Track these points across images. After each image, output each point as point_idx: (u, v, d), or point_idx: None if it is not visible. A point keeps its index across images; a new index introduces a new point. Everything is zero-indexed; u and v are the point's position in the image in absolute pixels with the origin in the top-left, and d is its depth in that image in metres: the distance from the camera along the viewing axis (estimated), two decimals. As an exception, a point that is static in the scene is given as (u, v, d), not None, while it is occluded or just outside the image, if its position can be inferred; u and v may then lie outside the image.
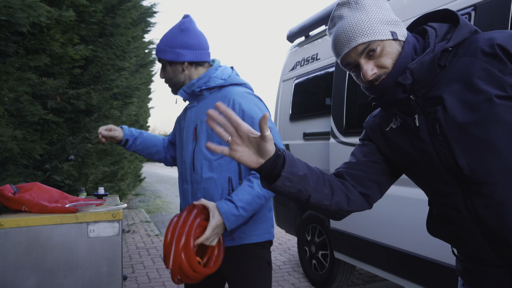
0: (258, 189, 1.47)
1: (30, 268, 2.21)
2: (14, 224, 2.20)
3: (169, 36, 1.65)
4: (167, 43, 1.64)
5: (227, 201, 1.46)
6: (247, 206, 1.45)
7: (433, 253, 2.36)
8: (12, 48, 2.92)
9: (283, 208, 4.39)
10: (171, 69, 1.66)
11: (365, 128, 1.27)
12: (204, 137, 1.59)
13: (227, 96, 1.58)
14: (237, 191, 1.47)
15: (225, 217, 1.42)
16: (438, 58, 1.01)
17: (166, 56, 1.63)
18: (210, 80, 1.63)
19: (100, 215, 2.37)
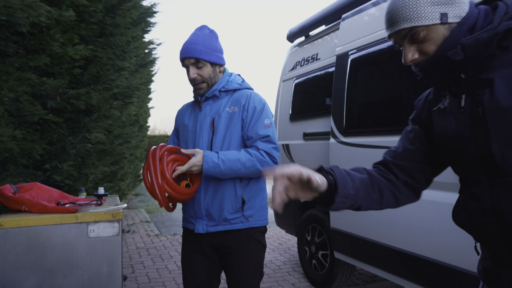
0: (243, 155, 1.78)
1: (30, 268, 2.21)
2: (14, 224, 2.20)
3: (207, 40, 1.87)
4: (208, 46, 1.85)
5: (214, 152, 1.79)
6: (227, 162, 1.75)
7: (433, 253, 2.36)
8: (12, 48, 2.92)
9: (283, 208, 4.39)
10: (211, 69, 1.89)
11: (415, 106, 1.22)
12: (223, 129, 1.88)
13: (243, 94, 1.91)
14: (228, 151, 1.81)
15: (205, 159, 1.73)
16: (500, 37, 0.92)
17: (210, 57, 1.86)
18: (228, 84, 1.93)
19: (100, 215, 2.37)
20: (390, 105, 2.80)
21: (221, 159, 1.75)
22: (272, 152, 1.83)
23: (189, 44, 1.85)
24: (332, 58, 3.57)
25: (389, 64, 2.81)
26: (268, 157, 1.82)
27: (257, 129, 1.84)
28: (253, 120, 1.85)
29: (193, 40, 1.86)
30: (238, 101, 1.89)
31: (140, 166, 11.83)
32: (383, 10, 2.92)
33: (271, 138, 1.85)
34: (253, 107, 1.86)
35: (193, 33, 1.91)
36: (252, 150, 1.82)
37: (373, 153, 2.83)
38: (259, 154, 1.80)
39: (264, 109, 1.88)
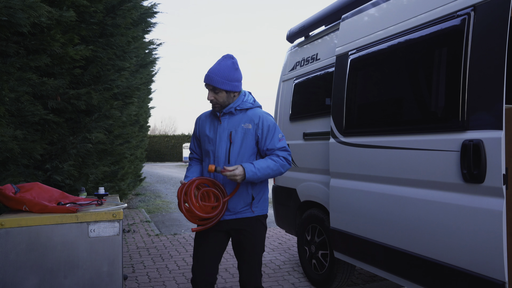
0: (271, 163, 2.28)
1: (30, 268, 2.22)
2: (15, 223, 2.20)
3: (227, 71, 2.27)
4: (225, 76, 2.26)
5: (249, 163, 2.25)
6: (261, 169, 2.25)
7: (433, 253, 2.36)
8: (13, 48, 2.93)
9: (283, 208, 4.40)
10: (226, 95, 2.30)
11: None
12: (239, 141, 2.32)
13: (256, 114, 2.35)
14: (257, 161, 2.29)
15: (246, 171, 2.20)
16: None
17: (226, 86, 2.26)
18: (242, 104, 2.35)
19: (100, 215, 2.38)
20: (389, 105, 2.81)
21: (257, 168, 2.24)
22: (288, 157, 2.36)
23: (211, 72, 2.27)
24: (332, 58, 3.58)
25: (389, 64, 2.82)
26: (286, 161, 2.34)
27: (274, 143, 2.32)
28: (269, 136, 2.33)
29: (215, 70, 2.27)
30: (251, 119, 2.33)
31: (141, 166, 11.84)
32: (383, 10, 2.92)
33: (286, 147, 2.36)
34: (267, 126, 2.32)
35: (217, 61, 2.31)
36: (275, 157, 2.31)
37: (373, 153, 2.84)
38: (280, 160, 2.32)
39: (276, 126, 2.35)
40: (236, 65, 2.32)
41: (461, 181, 2.17)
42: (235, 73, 2.29)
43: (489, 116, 2.05)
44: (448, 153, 2.25)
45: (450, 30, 2.32)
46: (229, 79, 2.26)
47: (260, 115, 2.34)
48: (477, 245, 2.09)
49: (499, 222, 1.98)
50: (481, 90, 2.10)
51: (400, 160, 2.60)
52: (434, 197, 2.35)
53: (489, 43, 2.09)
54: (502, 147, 1.97)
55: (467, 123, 2.16)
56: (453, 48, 2.29)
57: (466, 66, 2.19)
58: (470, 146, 2.10)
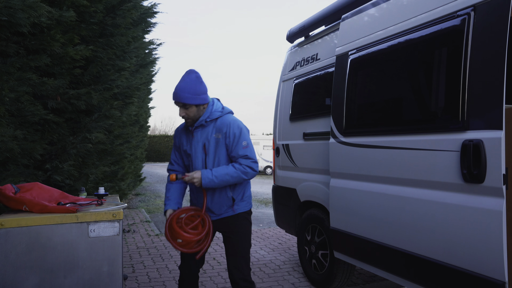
0: (231, 170, 2.39)
1: (30, 268, 2.22)
2: (15, 223, 2.20)
3: (192, 85, 2.36)
4: (192, 91, 2.35)
5: (208, 170, 2.40)
6: (219, 176, 2.38)
7: (433, 253, 2.36)
8: (13, 48, 2.93)
9: (283, 208, 4.40)
10: (196, 109, 2.40)
11: None
12: (213, 151, 2.45)
13: (224, 123, 2.44)
14: (216, 168, 2.41)
15: (203, 177, 2.36)
16: None
17: (195, 101, 2.36)
18: (212, 114, 2.44)
19: (100, 215, 2.38)
20: (390, 105, 2.81)
21: (214, 175, 2.37)
22: (251, 165, 2.43)
23: (178, 90, 2.36)
24: (332, 58, 3.58)
25: (389, 64, 2.82)
26: (249, 169, 2.42)
27: (238, 150, 2.41)
28: (234, 144, 2.42)
29: (182, 87, 2.35)
30: (221, 129, 2.43)
31: (141, 166, 11.84)
32: (383, 10, 2.93)
33: (249, 155, 2.43)
34: (233, 134, 2.41)
35: (182, 78, 2.39)
36: (237, 164, 2.41)
37: (373, 153, 2.84)
38: (242, 167, 2.41)
39: (241, 133, 2.42)
40: (200, 78, 2.41)
41: (461, 181, 2.17)
42: (200, 87, 2.38)
43: (489, 116, 2.05)
44: (448, 153, 2.25)
45: (450, 30, 2.32)
46: (196, 93, 2.36)
47: (228, 124, 2.43)
48: (477, 245, 2.09)
49: (499, 222, 1.98)
50: (481, 90, 2.10)
51: (400, 160, 2.60)
52: (434, 197, 2.35)
53: (489, 43, 2.09)
54: (502, 147, 1.97)
55: (467, 123, 2.16)
56: (453, 48, 2.29)
57: (466, 66, 2.19)
58: (470, 146, 2.10)
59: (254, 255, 4.93)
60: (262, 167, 22.26)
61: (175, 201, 2.54)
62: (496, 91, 2.02)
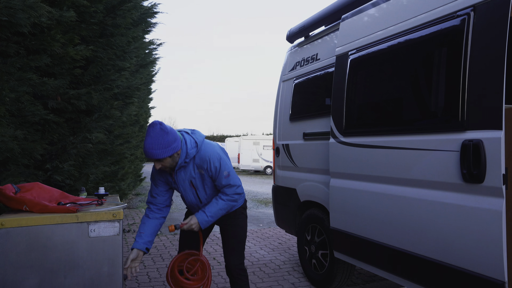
0: (221, 203, 2.52)
1: (31, 268, 2.22)
2: (15, 223, 2.21)
3: (159, 139, 2.32)
4: (161, 145, 2.32)
5: (202, 212, 2.51)
6: (214, 215, 2.52)
7: (433, 253, 2.37)
8: (13, 48, 2.93)
9: (283, 208, 4.41)
10: (170, 159, 2.39)
11: None
12: (201, 184, 2.56)
13: (203, 159, 2.47)
14: (209, 205, 2.53)
15: (200, 222, 2.50)
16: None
17: (166, 154, 2.33)
18: (189, 154, 2.44)
19: (100, 214, 2.38)
20: (389, 105, 2.81)
21: (209, 216, 2.50)
22: (237, 191, 2.55)
23: (148, 149, 2.32)
24: (332, 59, 3.58)
25: (389, 64, 2.82)
26: (236, 196, 2.55)
27: (221, 180, 2.50)
28: (216, 175, 2.50)
29: (151, 144, 2.31)
30: (201, 166, 2.48)
31: (141, 166, 11.84)
32: (383, 10, 2.93)
33: (232, 183, 2.53)
34: (215, 167, 2.47)
35: (147, 133, 2.34)
36: (224, 196, 2.53)
37: (373, 153, 2.84)
38: (229, 197, 2.53)
39: (221, 165, 2.48)
40: (165, 128, 2.37)
41: (461, 181, 2.17)
42: (167, 137, 2.35)
43: (489, 116, 2.05)
44: (448, 153, 2.25)
45: (450, 30, 2.32)
46: (165, 146, 2.33)
47: (207, 159, 2.47)
48: (476, 244, 2.10)
49: (499, 222, 1.98)
50: (481, 90, 2.11)
51: (400, 160, 2.60)
52: (434, 197, 2.36)
53: (489, 43, 2.09)
54: (502, 147, 1.98)
55: (467, 123, 2.16)
56: (453, 48, 2.29)
57: (466, 66, 2.19)
58: (470, 146, 2.11)
59: (254, 255, 4.93)
60: (262, 167, 22.27)
61: (146, 239, 2.55)
62: (496, 91, 2.02)
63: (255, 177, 19.56)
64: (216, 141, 28.06)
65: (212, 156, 2.47)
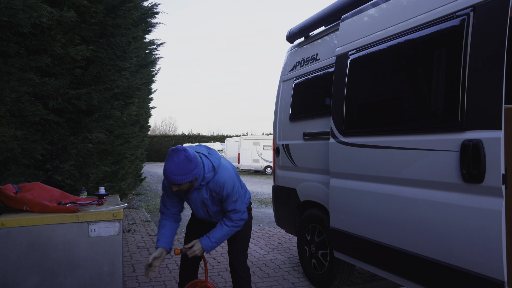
0: (226, 230, 2.57)
1: (31, 267, 2.23)
2: (16, 223, 2.21)
3: (182, 166, 2.32)
4: (183, 172, 2.32)
5: (206, 237, 2.55)
6: (218, 240, 2.57)
7: (433, 253, 2.37)
8: (14, 48, 2.93)
9: (283, 208, 4.41)
10: (188, 184, 2.41)
11: None
12: (212, 204, 2.60)
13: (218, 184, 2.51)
14: (213, 230, 2.58)
15: (204, 247, 2.54)
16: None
17: (187, 180, 2.35)
18: (205, 178, 2.47)
19: (101, 214, 2.39)
20: (389, 105, 2.82)
21: (213, 242, 2.55)
22: (242, 217, 2.60)
23: (170, 174, 2.32)
24: (332, 59, 3.58)
25: (389, 65, 2.83)
26: (240, 222, 2.60)
27: (228, 204, 2.55)
28: (226, 199, 2.54)
29: (173, 169, 2.32)
30: (214, 190, 2.53)
31: (141, 166, 11.85)
32: (383, 10, 2.93)
33: (238, 209, 2.57)
34: (227, 193, 2.52)
35: (170, 158, 2.33)
36: (229, 222, 2.58)
37: (373, 153, 2.85)
38: (233, 223, 2.58)
39: (233, 191, 2.53)
40: (189, 156, 2.36)
41: (460, 181, 2.18)
42: (190, 165, 2.35)
43: (489, 116, 2.06)
44: (447, 153, 2.26)
45: (450, 31, 2.32)
46: (187, 172, 2.34)
47: (220, 185, 2.50)
48: (476, 244, 2.10)
49: (499, 221, 1.99)
50: (481, 90, 2.11)
51: (399, 160, 2.61)
52: (434, 197, 2.36)
53: (488, 43, 2.10)
54: (502, 147, 1.98)
55: (467, 123, 2.17)
56: (452, 49, 2.30)
57: (465, 66, 2.19)
58: (469, 146, 2.11)
59: (254, 254, 4.94)
60: (262, 167, 22.27)
61: (168, 240, 2.62)
62: (496, 91, 2.03)
63: (255, 177, 19.56)
64: (216, 141, 28.03)
65: (227, 183, 2.51)
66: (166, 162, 2.35)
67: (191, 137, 38.43)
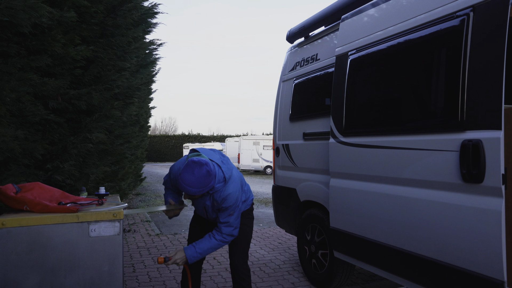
0: (213, 243, 2.55)
1: (31, 267, 2.23)
2: (16, 223, 2.21)
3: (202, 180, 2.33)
4: (202, 186, 2.34)
5: (192, 247, 2.55)
6: (203, 252, 2.56)
7: (433, 253, 2.37)
8: (14, 48, 2.94)
9: (283, 208, 4.41)
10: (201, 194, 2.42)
11: None
12: (211, 212, 2.61)
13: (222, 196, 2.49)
14: (200, 241, 2.57)
15: (188, 257, 2.53)
16: None
17: (203, 192, 2.38)
18: (214, 188, 2.46)
19: (101, 214, 2.39)
20: (389, 105, 2.82)
21: (198, 252, 2.54)
22: (232, 233, 2.57)
23: (188, 186, 2.33)
24: (332, 59, 3.59)
25: (389, 65, 2.83)
26: (229, 237, 2.57)
27: (223, 215, 2.54)
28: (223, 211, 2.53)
29: (192, 183, 2.32)
30: (217, 200, 2.52)
31: (141, 166, 11.85)
32: (383, 11, 2.93)
33: (231, 223, 2.55)
34: (226, 206, 2.50)
35: (191, 170, 2.32)
36: (218, 236, 2.56)
37: (373, 153, 2.85)
38: (222, 237, 2.56)
39: (233, 206, 2.51)
40: (211, 171, 2.36)
41: (460, 181, 2.18)
42: (209, 179, 2.35)
43: (488, 116, 2.06)
44: (447, 153, 2.26)
45: (450, 31, 2.32)
46: (204, 186, 2.35)
47: (223, 197, 2.49)
48: (476, 244, 2.10)
49: (498, 221, 1.99)
50: (480, 90, 2.11)
51: (399, 160, 2.61)
52: (434, 197, 2.36)
53: (488, 43, 2.10)
54: (501, 147, 1.98)
55: (467, 123, 2.17)
56: (452, 49, 2.30)
57: (465, 66, 2.20)
58: (469, 146, 2.11)
59: (254, 254, 4.94)
60: (262, 167, 22.27)
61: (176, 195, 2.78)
62: (495, 91, 2.03)
63: (255, 177, 19.56)
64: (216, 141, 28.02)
65: (231, 196, 2.50)
66: (184, 172, 2.31)
67: (191, 137, 38.43)
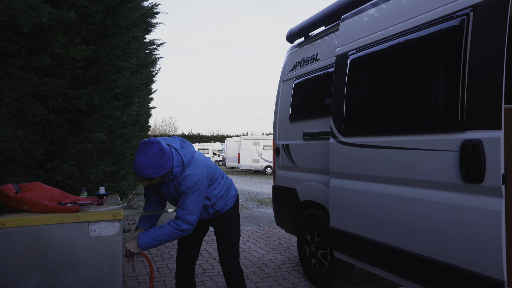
0: (166, 229, 2.41)
1: (31, 267, 2.23)
2: (16, 223, 2.21)
3: (155, 160, 2.26)
4: (156, 166, 2.28)
5: (145, 232, 2.47)
6: (156, 238, 2.43)
7: (433, 253, 2.37)
8: (14, 48, 2.94)
9: (283, 208, 4.41)
10: (160, 178, 2.38)
11: None
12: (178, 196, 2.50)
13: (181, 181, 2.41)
14: (154, 228, 2.47)
15: (140, 242, 2.44)
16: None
17: (159, 174, 2.31)
18: (173, 173, 2.40)
19: (101, 214, 2.39)
20: (389, 105, 2.82)
21: (150, 238, 2.42)
22: (186, 218, 2.40)
23: (141, 167, 2.27)
24: (332, 59, 3.59)
25: (389, 65, 2.83)
26: (184, 224, 2.40)
27: (183, 199, 2.42)
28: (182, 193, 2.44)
29: (145, 163, 2.26)
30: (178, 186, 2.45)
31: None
32: (383, 11, 2.93)
33: (186, 207, 2.40)
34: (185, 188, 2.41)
35: (142, 151, 2.26)
36: (172, 222, 2.42)
37: (373, 153, 2.85)
38: (175, 225, 2.41)
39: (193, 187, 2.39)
40: (163, 149, 2.29)
41: (460, 181, 2.18)
42: (163, 158, 2.28)
43: (488, 116, 2.06)
44: (447, 153, 2.26)
45: (450, 31, 2.32)
46: (159, 166, 2.28)
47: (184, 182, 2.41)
48: (476, 244, 2.10)
49: (498, 221, 1.99)
50: (480, 90, 2.11)
51: (399, 160, 2.61)
52: (434, 197, 2.36)
53: (488, 43, 2.10)
54: (501, 147, 1.98)
55: (466, 123, 2.17)
56: (452, 49, 2.30)
57: (465, 66, 2.20)
58: (469, 146, 2.11)
59: (254, 254, 4.94)
60: (262, 167, 22.27)
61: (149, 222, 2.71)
62: (495, 91, 2.03)
63: (255, 177, 19.56)
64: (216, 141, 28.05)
65: (190, 177, 2.40)
66: (137, 155, 2.27)
67: (191, 137, 38.40)
